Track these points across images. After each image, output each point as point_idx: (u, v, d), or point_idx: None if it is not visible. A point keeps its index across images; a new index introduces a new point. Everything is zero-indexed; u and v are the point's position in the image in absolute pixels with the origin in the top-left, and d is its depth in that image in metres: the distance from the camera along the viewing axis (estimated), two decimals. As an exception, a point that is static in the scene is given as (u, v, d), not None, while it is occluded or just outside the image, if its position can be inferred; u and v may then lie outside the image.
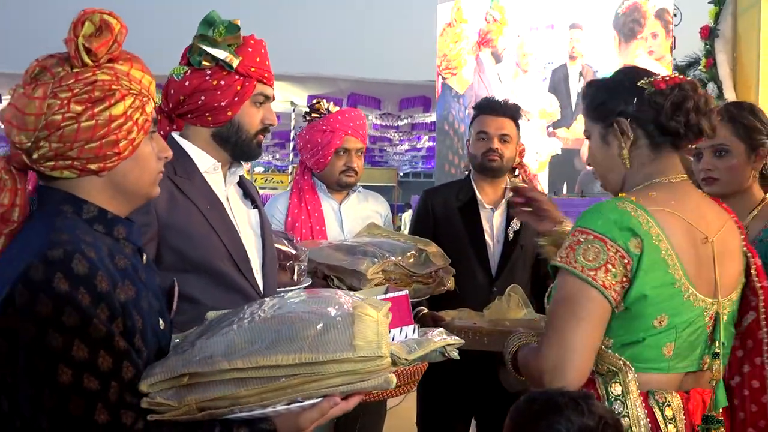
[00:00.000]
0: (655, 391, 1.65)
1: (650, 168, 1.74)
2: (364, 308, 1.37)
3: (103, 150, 1.32)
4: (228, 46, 1.96)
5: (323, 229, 3.01)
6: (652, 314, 1.63)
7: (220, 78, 1.96)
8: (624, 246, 1.60)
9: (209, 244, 1.94)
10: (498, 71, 8.81)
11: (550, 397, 1.39)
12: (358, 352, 1.29)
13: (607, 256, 1.60)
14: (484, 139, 3.04)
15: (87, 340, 1.22)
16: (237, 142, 2.03)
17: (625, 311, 1.63)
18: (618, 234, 1.61)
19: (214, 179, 2.05)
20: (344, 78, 12.24)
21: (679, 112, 1.68)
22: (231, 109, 1.99)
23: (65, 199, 1.35)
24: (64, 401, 1.22)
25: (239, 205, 2.12)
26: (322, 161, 3.04)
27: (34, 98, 1.29)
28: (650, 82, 1.71)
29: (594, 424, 1.33)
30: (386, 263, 2.37)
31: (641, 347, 1.65)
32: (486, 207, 3.08)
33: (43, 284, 1.21)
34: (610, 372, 1.65)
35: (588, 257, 1.61)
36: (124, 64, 1.36)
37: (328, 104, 3.15)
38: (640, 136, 1.73)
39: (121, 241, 1.39)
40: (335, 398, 1.32)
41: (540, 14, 8.38)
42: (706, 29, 4.59)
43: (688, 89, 1.69)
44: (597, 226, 1.63)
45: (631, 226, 1.61)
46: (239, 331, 1.34)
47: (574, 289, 1.62)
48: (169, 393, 1.28)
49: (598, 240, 1.61)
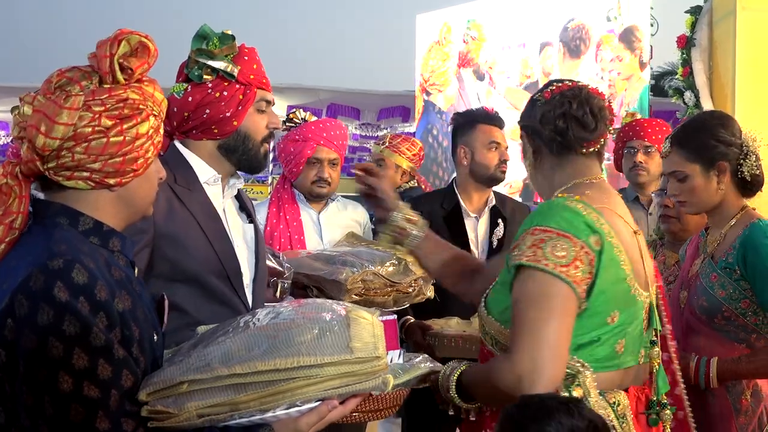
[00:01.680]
0: (605, 391, 1.67)
1: (562, 172, 1.80)
2: (358, 311, 1.40)
3: (124, 166, 1.36)
4: (225, 56, 1.97)
5: (302, 239, 3.00)
6: (606, 311, 1.65)
7: (222, 89, 1.96)
8: (587, 242, 1.61)
9: (203, 256, 1.93)
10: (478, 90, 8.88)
11: (540, 401, 1.41)
12: (356, 353, 1.31)
13: (574, 253, 1.59)
14: (497, 149, 3.07)
15: (87, 349, 1.24)
16: (244, 151, 2.02)
17: (584, 310, 1.63)
18: (579, 230, 1.62)
19: (213, 191, 2.04)
20: (323, 88, 12.27)
21: (547, 119, 1.76)
22: (236, 119, 1.98)
23: (61, 212, 1.36)
24: (65, 409, 1.23)
25: (235, 218, 2.11)
26: (295, 170, 3.04)
27: (66, 108, 1.31)
28: (542, 94, 1.80)
29: (584, 427, 1.34)
30: (366, 273, 2.37)
31: (596, 347, 1.66)
32: (470, 215, 3.10)
33: (44, 293, 1.23)
34: (569, 376, 1.63)
35: (557, 254, 1.58)
36: (149, 85, 1.41)
37: (304, 114, 3.14)
38: (541, 145, 1.81)
39: (116, 253, 1.41)
40: (333, 401, 1.34)
41: (512, 33, 8.47)
42: (682, 38, 4.63)
43: (568, 96, 1.76)
44: (556, 223, 1.62)
45: (588, 223, 1.64)
46: (235, 338, 1.35)
47: (545, 287, 1.58)
48: (169, 400, 1.29)
49: (563, 237, 1.60)
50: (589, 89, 1.81)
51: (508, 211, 3.15)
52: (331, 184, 3.07)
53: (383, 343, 1.36)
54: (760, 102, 4.23)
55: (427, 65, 9.59)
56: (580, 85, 1.80)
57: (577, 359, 1.63)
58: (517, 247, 1.64)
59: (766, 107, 4.23)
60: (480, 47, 8.85)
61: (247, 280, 2.05)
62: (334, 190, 3.12)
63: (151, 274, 1.87)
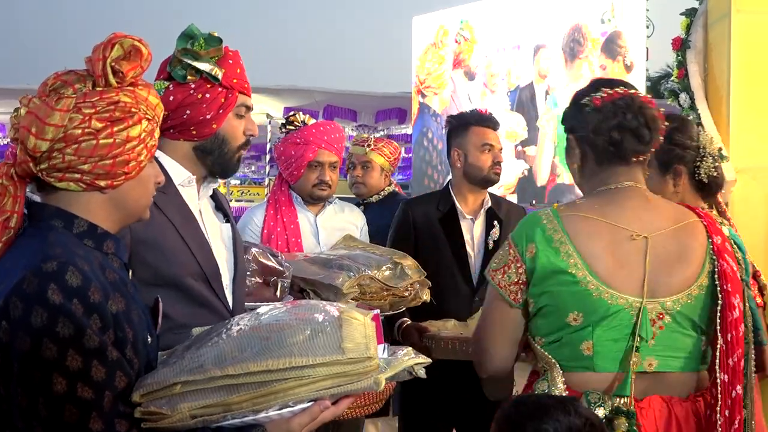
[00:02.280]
0: (589, 391, 1.70)
1: (597, 180, 1.82)
2: (350, 312, 1.41)
3: (114, 168, 1.37)
4: (211, 58, 1.97)
5: (299, 241, 3.00)
6: (562, 312, 1.72)
7: (204, 91, 1.96)
8: (521, 251, 1.75)
9: (181, 260, 1.92)
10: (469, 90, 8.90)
11: (537, 400, 1.43)
12: (348, 354, 1.32)
13: (506, 260, 1.78)
14: (490, 151, 3.07)
15: (81, 350, 1.25)
16: (219, 155, 2.02)
17: (541, 309, 1.76)
18: (520, 240, 1.77)
19: (188, 192, 2.03)
20: (320, 90, 12.26)
21: (602, 130, 1.76)
22: (216, 122, 1.98)
23: (56, 214, 1.38)
24: (59, 410, 1.24)
25: (212, 218, 2.10)
26: (296, 174, 3.04)
27: (57, 110, 1.33)
28: (591, 100, 1.78)
29: (581, 424, 1.35)
30: (362, 277, 2.37)
31: (561, 345, 1.74)
32: (466, 217, 3.10)
33: (38, 296, 1.24)
34: (544, 369, 1.76)
35: (496, 260, 1.82)
36: (143, 89, 1.42)
37: (304, 116, 3.15)
38: (587, 152, 1.82)
39: (110, 256, 1.42)
40: (325, 402, 1.35)
41: (506, 35, 8.49)
42: (677, 40, 4.63)
43: (621, 105, 1.74)
44: (514, 232, 1.81)
45: (531, 232, 1.74)
46: (228, 340, 1.36)
47: (489, 291, 1.84)
48: (162, 402, 1.30)
49: (508, 245, 1.80)
50: (641, 98, 1.79)
51: (503, 212, 3.16)
52: (332, 187, 3.08)
53: (375, 344, 1.38)
54: (755, 104, 4.24)
55: (423, 67, 9.60)
56: (632, 94, 1.78)
57: (548, 354, 1.76)
58: None
59: (761, 109, 4.24)
60: (472, 49, 8.87)
61: (227, 280, 2.05)
62: (333, 193, 3.13)
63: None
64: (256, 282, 2.31)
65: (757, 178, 4.18)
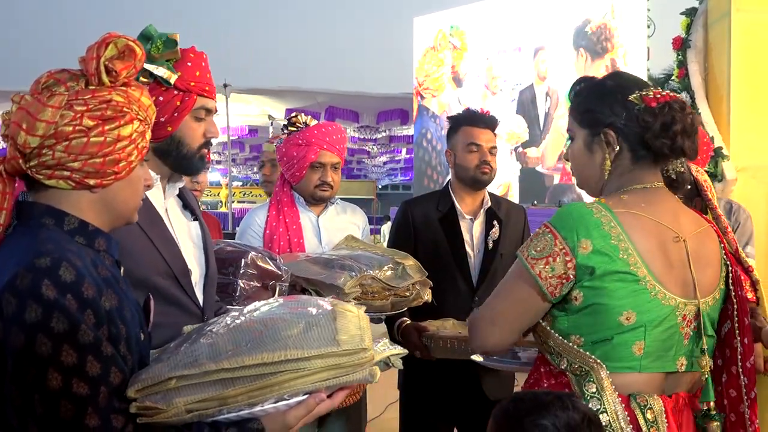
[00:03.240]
0: (636, 394, 1.68)
1: (629, 176, 1.77)
2: (344, 305, 1.41)
3: (104, 167, 1.37)
4: (166, 61, 1.94)
5: (301, 242, 3.01)
6: (615, 311, 1.66)
7: (158, 94, 1.92)
8: (571, 245, 1.66)
9: (148, 259, 1.92)
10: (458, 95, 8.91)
11: (535, 396, 1.42)
12: (343, 346, 1.32)
13: (551, 251, 1.67)
14: (476, 151, 3.06)
15: (75, 346, 1.24)
16: (178, 156, 2.00)
17: (589, 307, 1.67)
18: (570, 233, 1.67)
19: (153, 192, 2.01)
20: (322, 91, 12.27)
21: (666, 133, 1.70)
22: (171, 125, 1.96)
23: (46, 212, 1.37)
24: (54, 406, 1.23)
25: (179, 217, 2.10)
26: (298, 174, 3.05)
27: (49, 106, 1.32)
28: (641, 98, 1.72)
29: (579, 420, 1.36)
30: (364, 277, 2.37)
31: (611, 346, 1.67)
32: (465, 217, 3.10)
33: (31, 291, 1.23)
34: (583, 372, 1.68)
35: (536, 247, 1.70)
36: (136, 90, 1.42)
37: (306, 118, 3.16)
38: (624, 149, 1.76)
39: (102, 253, 1.41)
40: (321, 394, 1.35)
41: (507, 37, 8.49)
42: (678, 40, 4.65)
43: (677, 109, 1.71)
44: (556, 222, 1.71)
45: (586, 226, 1.66)
46: (222, 334, 1.36)
47: (518, 273, 1.74)
48: (157, 396, 1.30)
49: (550, 234, 1.69)
50: (685, 102, 1.77)
51: (503, 212, 3.16)
52: (333, 188, 3.09)
53: (369, 335, 1.38)
54: (755, 103, 4.25)
55: (422, 69, 9.62)
56: (680, 98, 1.76)
57: (590, 355, 1.67)
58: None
59: (761, 108, 4.25)
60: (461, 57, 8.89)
61: (197, 278, 2.04)
62: (335, 194, 3.14)
63: None
64: (255, 286, 2.31)
65: (758, 177, 4.19)
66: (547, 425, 1.35)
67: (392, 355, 1.53)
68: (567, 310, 1.71)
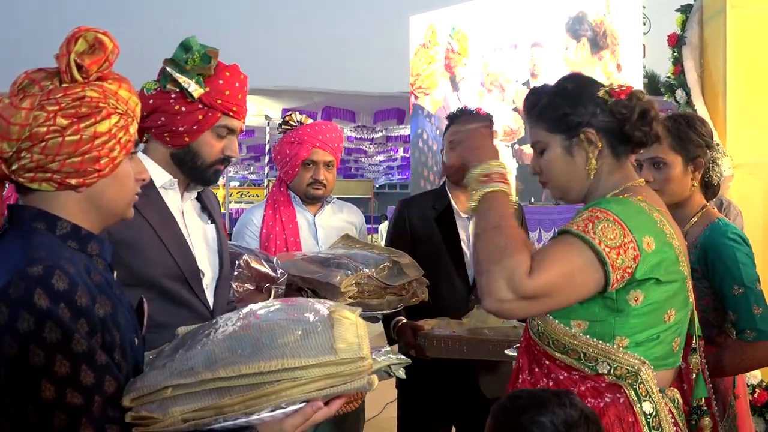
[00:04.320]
0: (663, 389, 1.69)
1: (618, 175, 1.78)
2: (341, 311, 1.39)
3: (84, 165, 1.34)
4: (197, 75, 1.95)
5: (297, 241, 3.01)
6: (663, 309, 1.66)
7: (182, 104, 1.96)
8: (638, 240, 1.60)
9: (159, 260, 1.93)
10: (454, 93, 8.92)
11: (533, 394, 1.42)
12: (340, 354, 1.31)
13: (622, 241, 1.58)
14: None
15: (69, 355, 1.22)
16: (192, 167, 2.03)
17: (645, 307, 1.64)
18: (635, 226, 1.61)
19: (170, 194, 2.04)
20: (318, 91, 12.27)
21: (644, 121, 1.73)
22: (189, 136, 1.99)
23: (38, 216, 1.35)
24: (48, 417, 1.22)
25: (195, 220, 2.11)
26: (291, 173, 3.06)
27: (21, 108, 1.30)
28: (608, 92, 1.75)
29: (577, 416, 1.36)
30: (360, 275, 2.37)
31: (656, 345, 1.67)
32: (462, 216, 3.10)
33: (24, 301, 1.21)
34: (631, 374, 1.65)
35: (607, 235, 1.58)
36: (113, 83, 1.38)
37: (300, 117, 3.16)
38: (605, 146, 1.76)
39: (94, 257, 1.39)
40: (318, 403, 1.33)
41: (503, 34, 8.50)
42: (673, 37, 4.65)
43: (642, 98, 1.74)
44: (618, 211, 1.62)
45: (647, 223, 1.64)
46: (218, 341, 1.34)
47: (583, 259, 1.57)
48: (153, 406, 1.28)
49: (618, 224, 1.59)
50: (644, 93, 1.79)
51: (501, 211, 3.16)
52: (327, 186, 3.08)
53: (367, 343, 1.36)
54: (751, 99, 4.25)
55: (414, 68, 9.62)
56: (637, 89, 1.78)
57: (637, 356, 1.65)
58: (570, 221, 1.64)
59: (756, 104, 4.26)
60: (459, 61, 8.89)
61: (208, 280, 2.05)
62: (329, 192, 3.13)
63: None
64: (248, 288, 2.31)
65: (754, 173, 4.19)
66: (545, 422, 1.35)
67: (393, 364, 1.51)
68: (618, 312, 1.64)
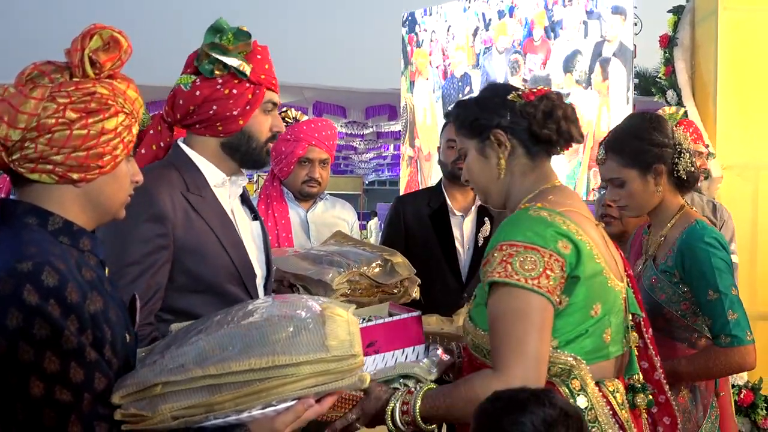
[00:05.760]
0: (601, 380, 1.71)
1: (533, 176, 1.81)
2: (333, 309, 1.38)
3: (87, 160, 1.33)
4: (239, 53, 1.92)
5: (290, 237, 3.01)
6: (588, 305, 1.69)
7: (232, 87, 1.91)
8: (555, 249, 1.64)
9: (220, 264, 1.92)
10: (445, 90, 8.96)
11: (512, 395, 1.42)
12: (332, 351, 1.30)
13: (543, 263, 1.63)
14: (453, 147, 3.07)
15: (58, 352, 1.22)
16: (247, 150, 1.98)
17: (568, 308, 1.68)
18: (546, 239, 1.65)
19: (222, 193, 2.01)
20: (309, 86, 12.24)
21: (550, 119, 1.76)
22: (242, 118, 1.94)
23: (30, 211, 1.34)
24: (37, 414, 1.21)
25: (244, 218, 2.09)
26: (286, 170, 3.05)
27: (31, 98, 1.30)
28: (519, 95, 1.79)
29: (556, 415, 1.37)
30: (352, 273, 2.37)
31: (584, 339, 1.70)
32: (456, 214, 3.12)
33: (13, 297, 1.20)
34: (564, 371, 1.68)
35: (527, 267, 1.62)
36: (122, 82, 1.39)
37: (296, 113, 3.16)
38: (516, 146, 1.80)
39: (86, 253, 1.38)
40: (309, 400, 1.33)
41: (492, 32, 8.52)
42: (665, 38, 4.66)
43: (554, 98, 1.79)
44: (522, 237, 1.65)
45: (555, 229, 1.67)
46: (209, 338, 1.33)
47: (520, 301, 1.63)
48: (143, 403, 1.27)
49: (530, 250, 1.63)
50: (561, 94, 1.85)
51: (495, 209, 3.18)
52: (321, 184, 3.09)
53: (359, 341, 1.36)
54: (741, 101, 4.27)
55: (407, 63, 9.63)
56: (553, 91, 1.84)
57: (568, 353, 1.68)
58: (487, 264, 1.67)
59: (747, 106, 4.27)
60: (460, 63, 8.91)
61: (260, 280, 2.04)
62: (323, 190, 3.14)
63: (170, 288, 1.86)
64: None
65: (743, 175, 4.21)
66: (526, 423, 1.36)
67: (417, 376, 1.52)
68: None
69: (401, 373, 1.80)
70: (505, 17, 8.32)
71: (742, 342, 2.14)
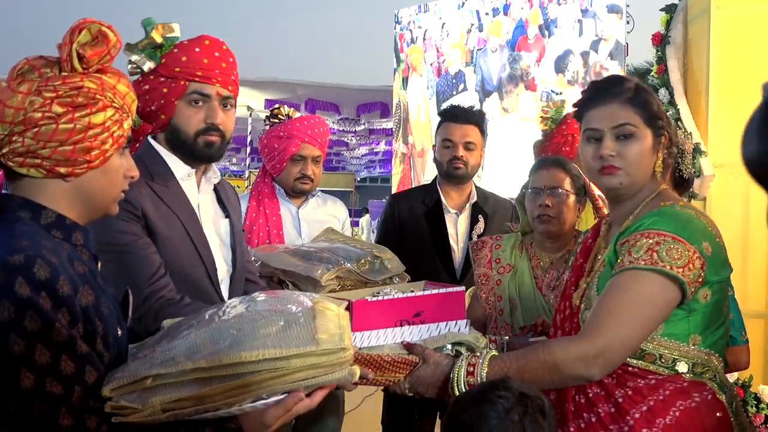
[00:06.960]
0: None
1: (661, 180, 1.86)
2: (324, 303, 1.39)
3: (74, 155, 1.34)
4: (153, 49, 1.95)
5: (281, 233, 3.01)
6: (723, 302, 1.74)
7: (146, 83, 1.96)
8: (699, 248, 1.67)
9: (186, 252, 1.95)
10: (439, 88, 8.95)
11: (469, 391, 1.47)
12: (322, 345, 1.31)
13: (687, 257, 1.65)
14: (449, 146, 3.10)
15: (49, 345, 1.22)
16: (180, 144, 2.00)
17: (712, 303, 1.71)
18: (693, 237, 1.68)
19: (188, 186, 2.04)
20: (302, 83, 12.22)
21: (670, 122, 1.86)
22: (163, 112, 1.96)
23: (23, 205, 1.35)
24: (27, 406, 1.21)
25: (210, 213, 2.10)
26: (278, 167, 3.05)
27: (18, 92, 1.30)
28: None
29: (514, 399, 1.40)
30: (341, 270, 2.37)
31: (720, 336, 1.74)
32: (451, 211, 3.13)
33: (4, 290, 1.21)
34: (708, 369, 1.72)
35: (673, 256, 1.65)
36: (112, 77, 1.39)
37: (288, 110, 3.15)
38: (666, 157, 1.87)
39: (79, 247, 1.39)
40: (299, 394, 1.33)
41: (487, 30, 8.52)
42: (657, 36, 4.66)
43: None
44: (670, 228, 1.68)
45: (699, 229, 1.70)
46: (200, 332, 1.34)
47: (655, 289, 1.66)
48: (133, 396, 1.28)
49: (677, 241, 1.66)
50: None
51: (490, 207, 3.20)
52: (314, 181, 3.09)
53: (349, 334, 1.37)
54: (734, 99, 4.27)
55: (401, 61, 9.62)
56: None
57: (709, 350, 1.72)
58: (628, 245, 1.69)
59: (739, 104, 4.27)
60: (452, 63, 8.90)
61: (222, 275, 2.05)
62: (316, 187, 3.14)
63: None
64: None
65: (735, 173, 4.20)
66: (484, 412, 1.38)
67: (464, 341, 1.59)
68: (691, 311, 1.70)
69: (453, 341, 1.80)
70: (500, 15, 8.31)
71: (737, 342, 2.15)
